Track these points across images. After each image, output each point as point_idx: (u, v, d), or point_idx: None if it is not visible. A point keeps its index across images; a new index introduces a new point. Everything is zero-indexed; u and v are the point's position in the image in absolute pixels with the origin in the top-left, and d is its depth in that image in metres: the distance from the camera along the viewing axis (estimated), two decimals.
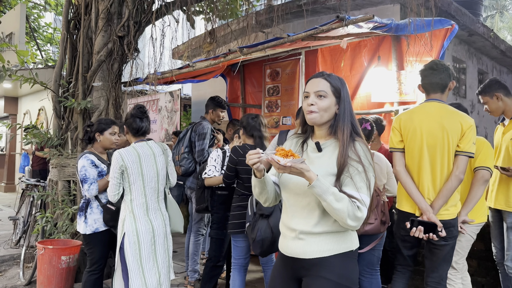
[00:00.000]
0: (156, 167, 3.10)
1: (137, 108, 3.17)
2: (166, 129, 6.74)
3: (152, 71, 4.92)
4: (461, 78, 7.82)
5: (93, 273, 3.36)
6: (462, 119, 2.56)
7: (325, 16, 6.02)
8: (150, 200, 3.06)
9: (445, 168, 2.57)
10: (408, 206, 2.69)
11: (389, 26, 3.93)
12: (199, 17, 6.03)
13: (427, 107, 2.69)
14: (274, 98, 6.14)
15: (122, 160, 2.98)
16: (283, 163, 1.60)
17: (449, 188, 2.54)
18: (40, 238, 4.56)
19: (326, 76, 1.86)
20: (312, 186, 1.65)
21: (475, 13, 8.75)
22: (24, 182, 5.58)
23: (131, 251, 2.94)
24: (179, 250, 5.80)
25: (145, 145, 3.13)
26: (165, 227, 3.12)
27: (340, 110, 1.83)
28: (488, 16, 25.14)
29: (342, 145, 1.77)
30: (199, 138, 4.20)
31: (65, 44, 5.02)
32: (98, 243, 3.38)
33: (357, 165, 1.75)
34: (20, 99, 13.42)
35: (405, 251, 2.79)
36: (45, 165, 7.94)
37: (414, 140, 2.64)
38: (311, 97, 1.82)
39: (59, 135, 4.80)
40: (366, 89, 4.85)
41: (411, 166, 2.67)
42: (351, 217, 1.67)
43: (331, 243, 1.78)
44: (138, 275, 2.93)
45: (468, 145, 2.53)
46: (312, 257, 1.78)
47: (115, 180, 3.00)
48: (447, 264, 2.67)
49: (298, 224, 1.81)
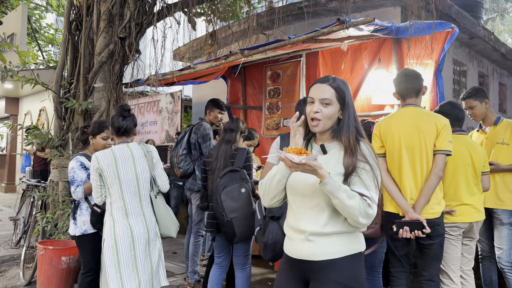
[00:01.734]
0: (135, 170, 2.96)
1: (119, 107, 3.07)
2: (166, 130, 6.75)
3: (153, 72, 4.94)
4: (462, 81, 7.83)
5: (86, 275, 3.33)
6: (436, 120, 2.69)
7: (326, 19, 6.03)
8: (129, 205, 2.93)
9: (424, 168, 2.69)
10: (392, 207, 2.80)
11: (389, 29, 3.94)
12: (200, 18, 6.04)
13: (403, 112, 2.84)
14: (275, 100, 6.15)
15: (97, 162, 2.92)
16: (298, 161, 1.59)
17: (430, 186, 2.65)
18: (41, 238, 4.57)
19: (331, 82, 1.85)
20: (325, 183, 1.64)
21: (475, 16, 8.76)
22: (24, 182, 5.59)
23: (108, 255, 2.87)
24: (178, 251, 5.80)
25: (124, 147, 3.00)
26: (148, 233, 2.97)
27: (344, 116, 1.84)
28: (489, 19, 25.14)
29: (350, 151, 1.78)
30: (204, 140, 4.19)
31: (66, 45, 5.03)
32: (87, 245, 3.35)
33: (364, 164, 1.76)
34: (21, 100, 13.44)
35: (397, 251, 2.86)
36: (46, 166, 7.95)
37: (393, 144, 2.77)
38: (316, 104, 1.82)
39: (60, 136, 4.81)
40: (367, 92, 4.86)
41: (392, 169, 2.79)
42: (363, 215, 1.68)
43: (341, 245, 1.76)
44: (115, 280, 2.84)
45: (444, 143, 2.65)
46: (322, 259, 1.75)
47: (95, 183, 2.96)
48: (437, 262, 2.80)
49: (307, 226, 1.79)
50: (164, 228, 3.12)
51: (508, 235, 3.32)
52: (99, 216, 3.18)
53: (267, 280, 4.62)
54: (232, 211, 3.15)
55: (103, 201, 3.01)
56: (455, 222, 2.96)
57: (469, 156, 3.02)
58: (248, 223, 3.17)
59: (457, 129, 3.10)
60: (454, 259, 2.97)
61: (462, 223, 2.99)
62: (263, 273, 4.85)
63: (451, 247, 2.97)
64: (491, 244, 3.45)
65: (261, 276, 4.74)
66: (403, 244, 2.85)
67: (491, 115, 3.56)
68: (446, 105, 3.18)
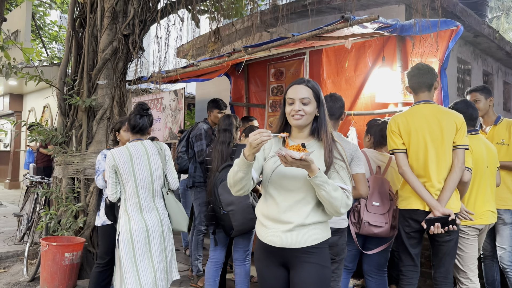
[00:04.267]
0: (149, 167, 3.05)
1: (138, 105, 3.17)
2: (170, 127, 6.75)
3: (156, 69, 4.93)
4: (466, 80, 7.80)
5: (97, 266, 3.43)
6: (455, 118, 2.78)
7: (330, 16, 6.00)
8: (143, 200, 3.02)
9: (448, 163, 2.76)
10: (417, 203, 2.79)
11: (394, 27, 3.91)
12: (204, 16, 6.04)
13: (421, 109, 2.86)
14: (278, 97, 6.14)
15: (113, 160, 2.99)
16: (299, 157, 1.77)
17: (454, 180, 2.71)
18: (44, 235, 4.59)
19: (307, 83, 2.06)
20: (316, 177, 1.84)
21: (480, 14, 8.71)
22: (28, 179, 5.61)
23: (124, 249, 2.94)
24: (181, 248, 5.81)
25: (139, 144, 3.08)
26: (162, 227, 3.06)
27: (320, 113, 2.06)
28: (493, 17, 25.00)
29: (328, 145, 2.01)
30: (196, 140, 4.32)
31: (70, 42, 5.04)
32: (104, 236, 3.45)
33: (341, 162, 2.01)
34: (25, 97, 13.48)
35: (412, 250, 2.86)
36: (49, 162, 7.97)
37: (417, 140, 2.80)
38: (296, 103, 2.01)
39: (63, 132, 4.82)
40: (370, 90, 4.84)
41: (417, 166, 2.81)
42: (343, 205, 1.92)
43: (319, 232, 2.00)
44: (131, 273, 2.91)
45: (462, 138, 2.75)
46: (304, 245, 1.97)
47: (111, 180, 3.02)
48: (452, 259, 2.83)
49: (293, 218, 1.96)
50: (176, 223, 3.21)
51: (510, 235, 3.32)
52: (109, 207, 3.23)
53: None
54: (229, 204, 3.21)
55: (118, 197, 3.06)
56: (474, 224, 2.98)
57: (488, 158, 3.07)
58: (245, 216, 3.22)
59: (471, 128, 3.10)
60: (473, 258, 2.99)
61: (480, 225, 3.03)
62: None
63: (469, 246, 2.99)
64: (493, 243, 3.45)
65: None
66: (418, 242, 2.88)
67: (492, 114, 3.59)
68: (461, 103, 3.17)
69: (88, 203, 4.52)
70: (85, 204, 4.51)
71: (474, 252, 3.00)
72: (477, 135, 3.15)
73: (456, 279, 3.03)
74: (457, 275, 3.01)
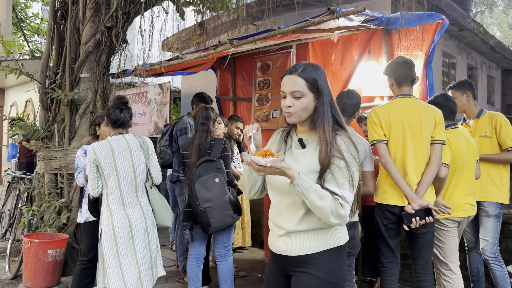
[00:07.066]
0: (132, 161, 3.00)
1: (117, 98, 3.09)
2: (155, 121, 6.68)
3: (141, 63, 4.85)
4: (451, 73, 7.87)
5: (81, 263, 3.37)
6: (434, 113, 2.81)
7: (316, 9, 5.98)
8: (126, 195, 2.97)
9: (425, 158, 2.80)
10: (394, 199, 2.81)
11: (380, 20, 3.91)
12: (189, 8, 5.95)
13: (403, 102, 2.89)
14: (265, 91, 6.11)
15: (94, 154, 2.93)
16: (263, 163, 1.56)
17: (431, 174, 2.76)
18: (26, 231, 4.50)
19: (300, 71, 1.75)
20: (294, 184, 1.61)
21: (465, 8, 8.80)
22: (10, 174, 5.49)
23: (107, 245, 2.89)
24: (167, 243, 5.77)
25: (121, 138, 3.03)
26: (145, 222, 3.01)
27: (319, 104, 1.76)
28: (478, 12, 25.31)
29: (325, 143, 1.70)
30: (181, 133, 4.28)
31: (52, 34, 4.92)
32: (87, 233, 3.39)
33: (339, 161, 1.69)
34: (6, 91, 13.19)
35: (391, 241, 2.91)
36: (31, 158, 7.83)
37: (397, 133, 2.83)
38: (288, 98, 1.76)
39: (45, 127, 4.72)
40: (357, 83, 4.84)
41: (394, 159, 2.84)
42: (334, 215, 1.65)
43: (317, 240, 1.76)
44: (115, 270, 2.87)
45: (440, 133, 2.79)
46: (298, 254, 1.76)
47: (92, 174, 2.97)
48: (431, 250, 2.90)
49: (285, 223, 1.79)
50: (161, 218, 3.16)
51: (493, 227, 3.36)
52: (92, 202, 3.17)
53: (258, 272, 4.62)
54: (206, 200, 3.17)
55: (99, 192, 3.01)
56: (453, 217, 3.01)
57: (467, 151, 3.08)
58: (222, 213, 3.20)
59: (450, 122, 3.13)
60: (454, 250, 3.02)
61: (458, 218, 3.06)
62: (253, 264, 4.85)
63: (450, 238, 3.02)
64: (477, 235, 3.49)
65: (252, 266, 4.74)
66: (397, 234, 2.92)
67: (474, 107, 3.59)
68: (441, 97, 3.20)
69: (72, 199, 4.44)
70: (68, 200, 4.43)
71: (455, 244, 3.04)
72: (456, 128, 3.17)
73: (438, 271, 3.06)
74: (438, 267, 3.05)
